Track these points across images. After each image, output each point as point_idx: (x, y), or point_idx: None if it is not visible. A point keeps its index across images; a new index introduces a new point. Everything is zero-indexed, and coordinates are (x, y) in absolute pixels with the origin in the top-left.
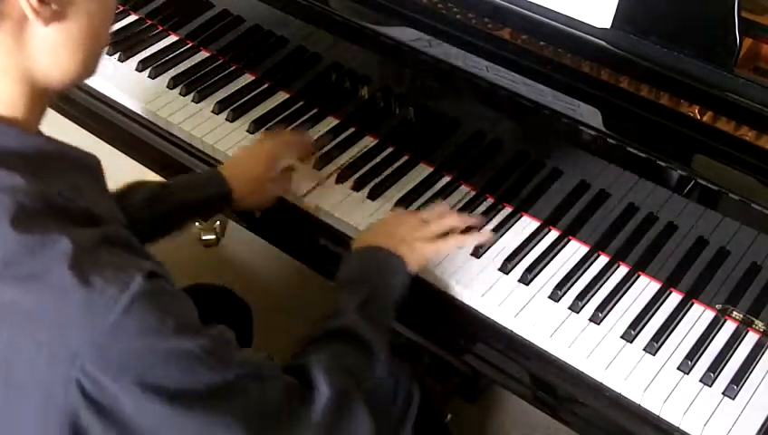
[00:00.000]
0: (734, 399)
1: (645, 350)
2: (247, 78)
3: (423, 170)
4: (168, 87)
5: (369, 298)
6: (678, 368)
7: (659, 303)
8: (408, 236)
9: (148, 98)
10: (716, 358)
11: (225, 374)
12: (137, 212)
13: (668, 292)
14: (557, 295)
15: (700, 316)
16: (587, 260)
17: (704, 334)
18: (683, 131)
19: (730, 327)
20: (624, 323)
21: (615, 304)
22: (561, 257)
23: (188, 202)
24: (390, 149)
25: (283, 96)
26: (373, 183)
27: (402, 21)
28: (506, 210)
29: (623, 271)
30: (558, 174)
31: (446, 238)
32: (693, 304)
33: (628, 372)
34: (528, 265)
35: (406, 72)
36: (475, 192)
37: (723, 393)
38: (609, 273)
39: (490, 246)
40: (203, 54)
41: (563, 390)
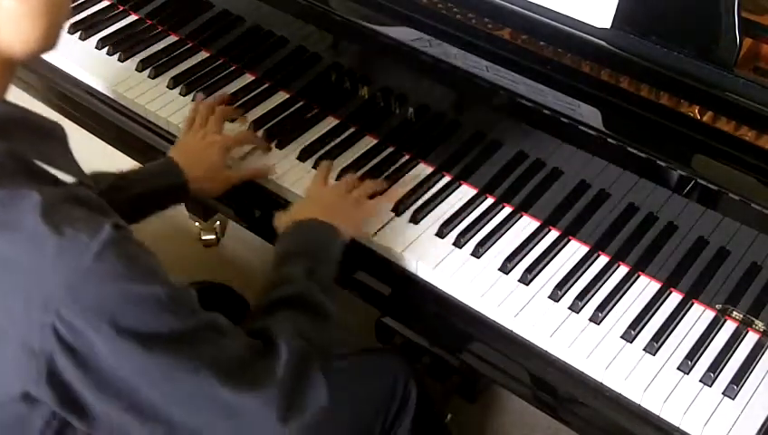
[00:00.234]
0: (734, 399)
1: (645, 350)
2: (247, 78)
3: (423, 170)
4: (169, 87)
5: (312, 266)
6: (678, 368)
7: (659, 303)
8: (337, 203)
9: (148, 97)
10: (716, 358)
11: (189, 322)
12: None
13: (668, 292)
14: (557, 295)
15: (700, 316)
16: (587, 260)
17: (704, 334)
18: (683, 131)
19: (730, 327)
20: (624, 323)
21: (615, 304)
22: (561, 257)
23: (146, 193)
24: (390, 149)
25: (282, 96)
26: None
27: (402, 21)
28: (506, 210)
29: (623, 271)
30: (558, 174)
31: (372, 201)
32: (693, 304)
33: (628, 372)
34: (528, 265)
35: (406, 72)
36: (475, 192)
37: (723, 393)
38: (609, 273)
39: (491, 245)
40: (203, 54)
41: (563, 390)
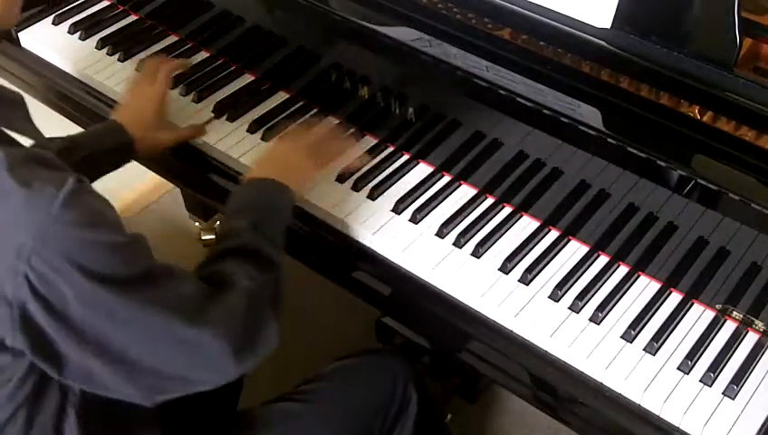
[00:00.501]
0: (734, 399)
1: (645, 350)
2: (247, 78)
3: (423, 170)
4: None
5: (257, 220)
6: (678, 368)
7: (659, 303)
8: (289, 160)
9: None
10: (716, 358)
11: (147, 265)
12: None
13: (668, 292)
14: (557, 295)
15: (700, 316)
16: (587, 260)
17: (704, 334)
18: (683, 131)
19: (730, 327)
20: (624, 323)
21: (615, 304)
22: (561, 257)
23: (95, 154)
24: (390, 149)
25: (282, 96)
26: (373, 183)
27: (402, 21)
28: (506, 210)
29: (623, 271)
30: (558, 174)
31: (326, 154)
32: (693, 304)
33: (628, 372)
34: (528, 265)
35: (406, 72)
36: (475, 192)
37: (723, 393)
38: (609, 273)
39: (491, 245)
40: (203, 54)
41: (563, 390)
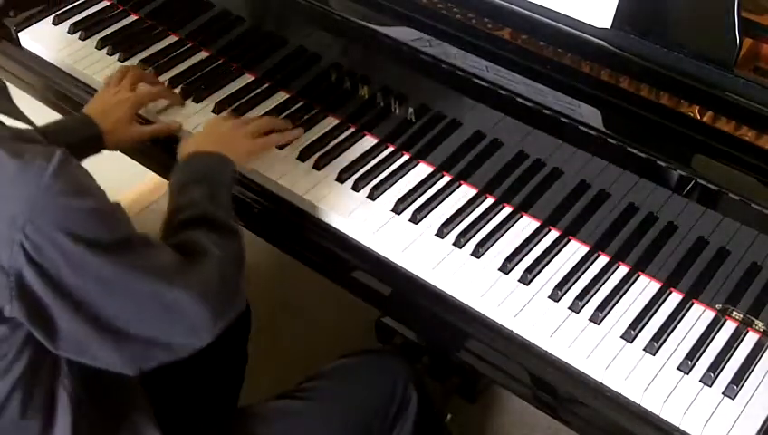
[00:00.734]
0: (734, 399)
1: (645, 350)
2: (247, 78)
3: (423, 170)
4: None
5: (214, 191)
6: (678, 368)
7: (659, 303)
8: (230, 136)
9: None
10: (716, 358)
11: (128, 232)
12: None
13: (668, 292)
14: (557, 295)
15: (700, 316)
16: (587, 260)
17: (704, 334)
18: (683, 131)
19: (730, 327)
20: (624, 323)
21: (615, 304)
22: (561, 257)
23: (66, 146)
24: (390, 149)
25: (282, 96)
26: (373, 183)
27: (402, 21)
28: (506, 210)
29: (623, 271)
30: (558, 174)
31: (265, 138)
32: (693, 304)
33: (628, 372)
34: (528, 265)
35: (406, 72)
36: (475, 192)
37: (723, 393)
38: (609, 273)
39: (491, 245)
40: (203, 54)
41: (563, 390)
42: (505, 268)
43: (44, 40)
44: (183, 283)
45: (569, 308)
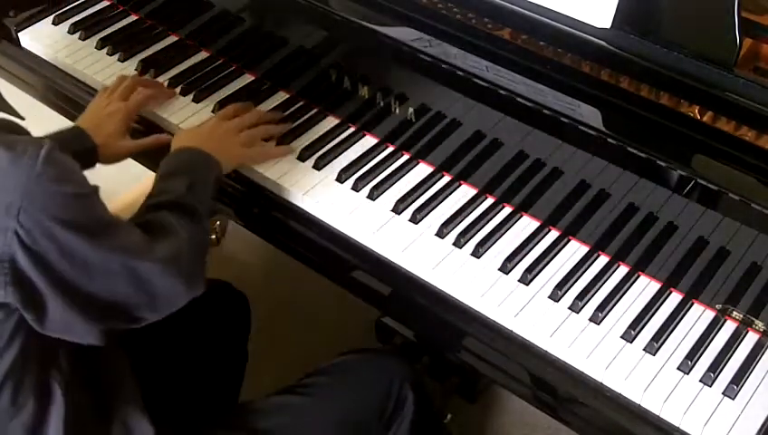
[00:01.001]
0: (734, 399)
1: (645, 350)
2: (247, 78)
3: (423, 170)
4: (168, 87)
5: (194, 184)
6: (678, 368)
7: (659, 303)
8: (224, 139)
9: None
10: (716, 358)
11: (105, 214)
12: None
13: (668, 292)
14: (557, 295)
15: (700, 316)
16: (587, 260)
17: (704, 334)
18: (683, 131)
19: (730, 327)
20: (624, 323)
21: (615, 304)
22: (561, 257)
23: None
24: (390, 149)
25: (282, 96)
26: (373, 183)
27: (402, 21)
28: (506, 210)
29: (623, 271)
30: (558, 174)
31: (256, 150)
32: (693, 304)
33: (628, 372)
34: (528, 265)
35: (406, 72)
36: (475, 192)
37: (723, 393)
38: (609, 273)
39: (491, 245)
40: (203, 54)
41: (563, 390)
42: (505, 268)
43: (44, 40)
44: (152, 257)
45: (569, 308)
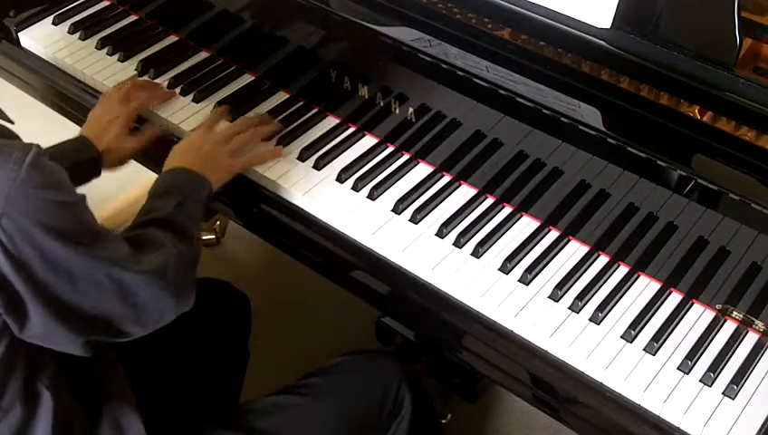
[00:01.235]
0: (734, 399)
1: (645, 350)
2: (247, 78)
3: (423, 170)
4: (168, 88)
5: (180, 203)
6: (678, 368)
7: (659, 303)
8: (212, 153)
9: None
10: (716, 358)
11: (92, 223)
12: None
13: (668, 292)
14: (557, 295)
15: (700, 316)
16: (587, 260)
17: (704, 334)
18: (683, 131)
19: (730, 327)
20: (624, 323)
21: (615, 304)
22: (561, 257)
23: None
24: (390, 149)
25: (282, 96)
26: (373, 183)
27: (402, 21)
28: (506, 210)
29: (623, 271)
30: (558, 174)
31: (246, 157)
32: (693, 304)
33: (628, 372)
34: (528, 265)
35: (406, 72)
36: (475, 192)
37: (723, 393)
38: (609, 273)
39: (491, 245)
40: (203, 54)
41: (563, 390)
42: (505, 268)
43: (44, 40)
44: (139, 268)
45: (569, 308)
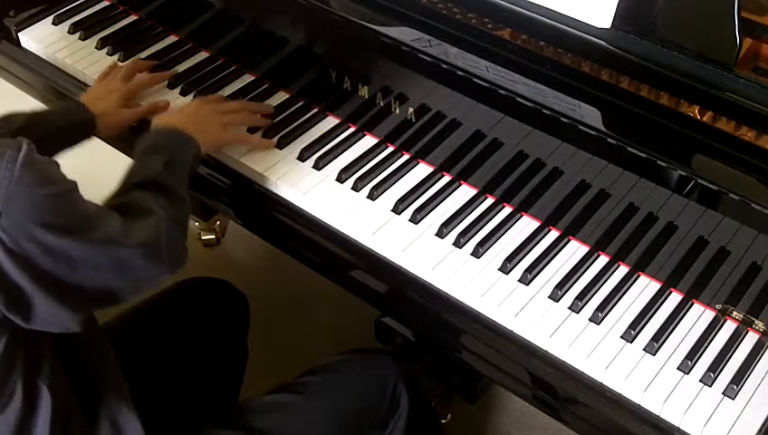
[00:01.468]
0: (734, 399)
1: (645, 350)
2: (247, 78)
3: (423, 170)
4: (169, 87)
5: (168, 162)
6: (678, 368)
7: (659, 303)
8: (205, 120)
9: (148, 97)
10: (716, 358)
11: (85, 208)
12: None
13: (668, 292)
14: (557, 295)
15: (700, 316)
16: (587, 260)
17: (704, 334)
18: (683, 131)
19: (730, 327)
20: (624, 323)
21: (615, 304)
22: (561, 257)
23: (58, 130)
24: (390, 149)
25: (282, 96)
26: (373, 183)
27: (402, 21)
28: (506, 210)
29: (623, 271)
30: (558, 174)
31: (236, 133)
32: (693, 304)
33: (628, 372)
34: (528, 265)
35: (406, 72)
36: (475, 192)
37: (723, 393)
38: (609, 273)
39: (491, 245)
40: (203, 54)
41: (563, 390)
42: (505, 268)
43: (44, 40)
44: (133, 241)
45: (569, 308)
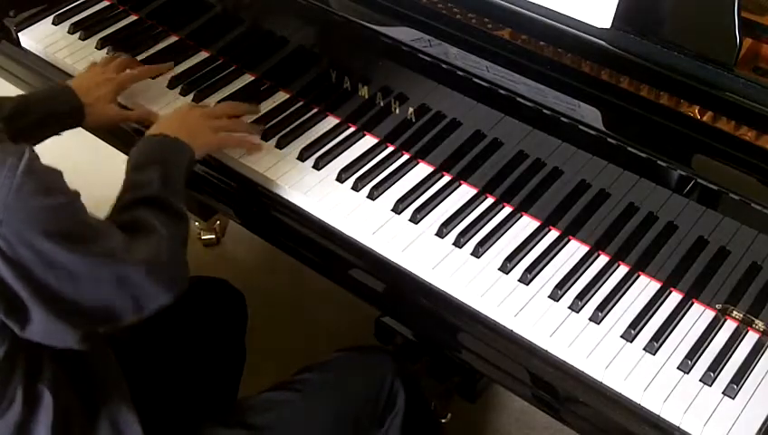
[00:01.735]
0: (733, 398)
1: (645, 349)
2: (247, 78)
3: (423, 170)
4: (169, 87)
5: (168, 175)
6: (678, 367)
7: (659, 302)
8: (196, 125)
9: (149, 97)
10: (716, 357)
11: (87, 220)
12: None
13: (668, 292)
14: (557, 295)
15: (700, 316)
16: (587, 260)
17: (704, 334)
18: (683, 131)
19: (730, 327)
20: (624, 322)
21: (615, 304)
22: (561, 257)
23: (46, 115)
24: (390, 149)
25: (282, 96)
26: (373, 183)
27: (402, 21)
28: (506, 210)
29: (623, 271)
30: (558, 174)
31: (228, 136)
32: (693, 304)
33: (628, 372)
34: (528, 265)
35: (406, 72)
36: (475, 192)
37: (723, 393)
38: (609, 273)
39: (491, 245)
40: (203, 54)
41: (563, 389)
42: (505, 268)
43: (44, 40)
44: (135, 259)
45: (569, 308)
